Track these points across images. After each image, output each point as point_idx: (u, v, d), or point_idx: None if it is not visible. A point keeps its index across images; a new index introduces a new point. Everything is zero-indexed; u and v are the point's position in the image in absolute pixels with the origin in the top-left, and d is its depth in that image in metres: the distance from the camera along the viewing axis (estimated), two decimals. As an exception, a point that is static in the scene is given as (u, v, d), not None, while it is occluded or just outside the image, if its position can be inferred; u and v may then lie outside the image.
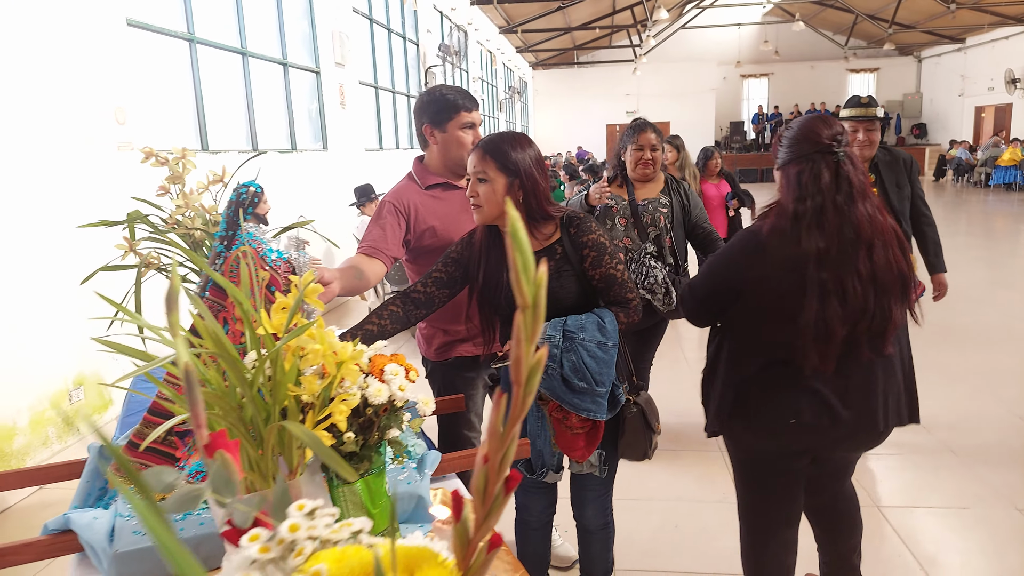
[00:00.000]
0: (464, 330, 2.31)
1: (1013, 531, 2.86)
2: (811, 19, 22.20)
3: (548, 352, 1.80)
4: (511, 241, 0.45)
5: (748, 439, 1.94)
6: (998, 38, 20.24)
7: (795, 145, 1.78)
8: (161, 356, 1.14)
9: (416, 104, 2.28)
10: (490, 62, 17.37)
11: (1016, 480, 3.26)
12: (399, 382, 1.23)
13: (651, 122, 3.37)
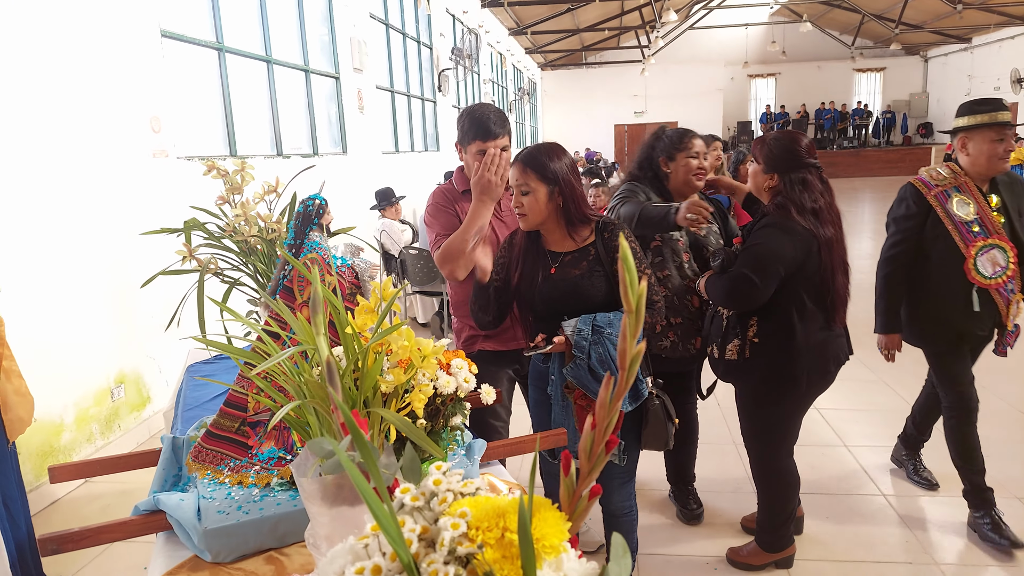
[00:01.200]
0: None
1: (1017, 520, 3.01)
2: (818, 19, 22.29)
3: (577, 343, 2.00)
4: (621, 263, 0.62)
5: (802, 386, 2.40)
6: (1004, 38, 20.28)
7: (791, 157, 2.29)
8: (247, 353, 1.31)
9: (460, 119, 2.45)
10: (500, 64, 17.53)
11: (1019, 473, 3.41)
12: (464, 375, 1.40)
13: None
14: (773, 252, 2.25)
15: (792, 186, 2.29)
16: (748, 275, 2.25)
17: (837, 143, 24.30)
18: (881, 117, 24.98)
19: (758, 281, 2.25)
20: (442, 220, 2.46)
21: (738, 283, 2.28)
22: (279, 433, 1.80)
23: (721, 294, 2.36)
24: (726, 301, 2.38)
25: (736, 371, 2.46)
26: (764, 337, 2.37)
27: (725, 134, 25.12)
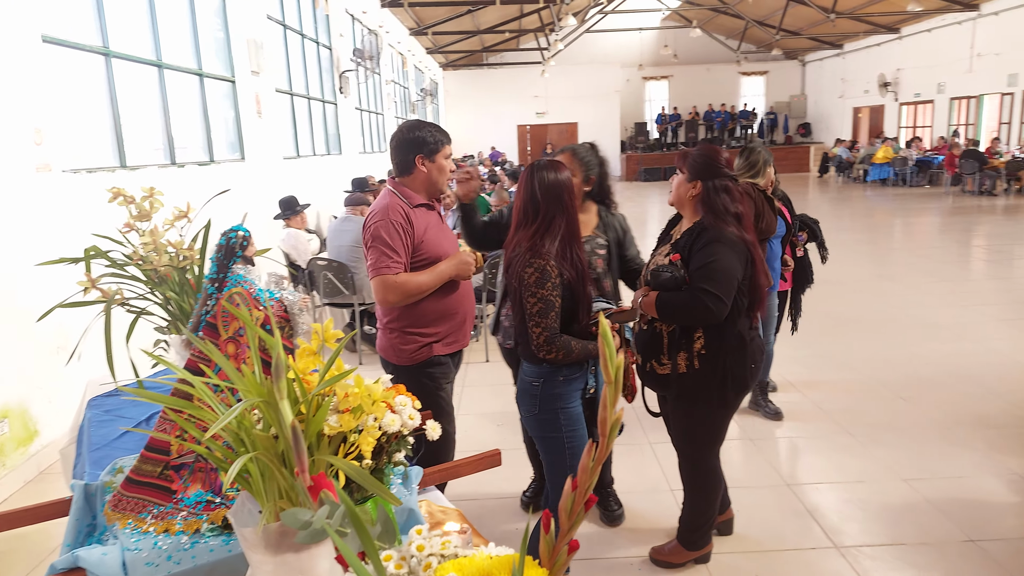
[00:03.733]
0: (443, 331, 2.68)
1: (902, 500, 3.29)
2: (706, 24, 23.33)
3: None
4: (601, 339, 0.65)
5: (748, 386, 2.55)
6: (872, 44, 21.95)
7: (712, 165, 2.44)
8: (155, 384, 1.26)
9: (404, 137, 2.58)
10: (401, 64, 17.33)
11: (902, 455, 3.72)
12: (408, 411, 1.40)
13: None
14: (731, 267, 2.34)
15: (716, 192, 2.42)
16: (711, 292, 2.31)
17: (726, 143, 25.52)
18: (765, 118, 26.47)
19: (723, 297, 2.32)
20: (401, 245, 2.51)
21: (701, 300, 2.32)
22: (206, 475, 1.73)
23: (680, 311, 2.39)
24: (685, 318, 2.41)
25: (683, 382, 2.49)
26: (713, 347, 2.44)
27: (623, 134, 25.89)
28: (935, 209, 13.94)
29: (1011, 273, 8.17)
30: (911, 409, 4.31)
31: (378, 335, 2.80)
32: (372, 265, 2.54)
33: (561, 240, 2.28)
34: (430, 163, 2.61)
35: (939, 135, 19.01)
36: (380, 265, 2.51)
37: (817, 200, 16.98)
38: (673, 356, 2.47)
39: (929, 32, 19.17)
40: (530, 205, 2.29)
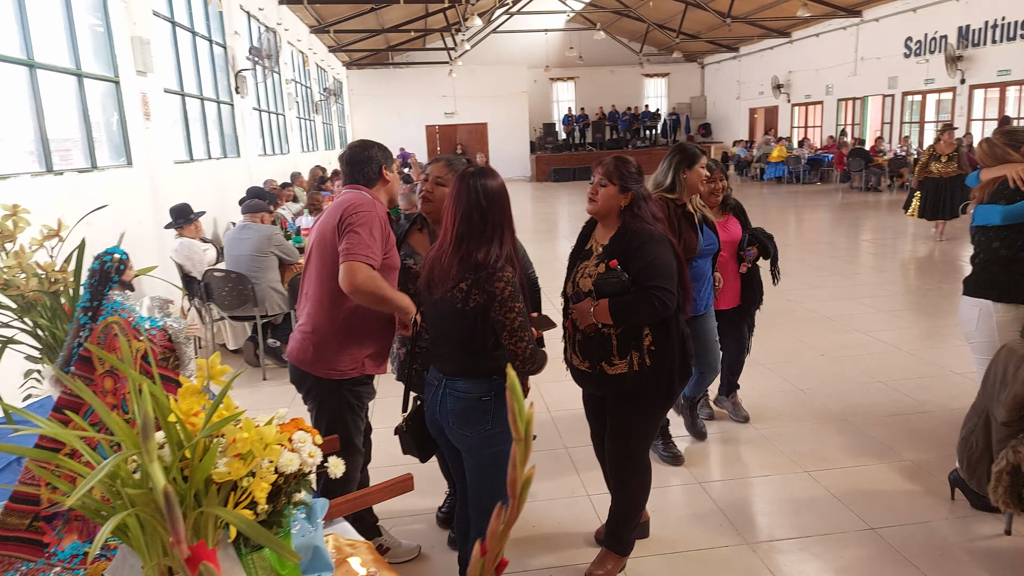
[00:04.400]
0: (378, 348, 2.66)
1: (806, 492, 3.41)
2: (609, 27, 23.84)
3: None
4: (510, 393, 0.58)
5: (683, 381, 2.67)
6: (765, 48, 23.04)
7: (636, 175, 2.56)
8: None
9: (365, 153, 2.65)
10: (303, 63, 16.80)
11: (805, 448, 3.86)
12: (308, 449, 1.29)
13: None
14: (670, 262, 2.49)
15: (644, 200, 2.56)
16: (662, 287, 2.43)
17: (632, 143, 26.17)
18: (668, 119, 27.32)
19: (672, 290, 2.45)
20: (381, 241, 2.48)
21: (655, 296, 2.43)
22: (83, 524, 1.57)
23: (635, 312, 2.47)
24: (641, 317, 2.48)
25: (637, 379, 2.55)
26: (660, 342, 2.54)
27: (532, 135, 26.09)
28: (826, 205, 14.74)
29: (894, 266, 8.72)
30: (811, 400, 4.49)
31: (293, 342, 2.65)
32: (350, 249, 2.39)
33: (512, 249, 2.25)
34: (391, 174, 2.69)
35: (828, 134, 20.16)
36: (359, 251, 2.38)
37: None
38: (625, 356, 2.54)
39: (817, 37, 20.29)
40: (475, 215, 2.17)
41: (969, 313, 3.14)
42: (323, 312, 2.57)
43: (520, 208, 8.31)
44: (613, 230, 2.57)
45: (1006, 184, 2.99)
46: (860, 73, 18.88)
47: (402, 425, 2.54)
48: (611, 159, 2.59)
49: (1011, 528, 2.97)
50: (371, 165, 2.64)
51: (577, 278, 2.63)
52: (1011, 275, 3.00)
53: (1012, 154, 3.03)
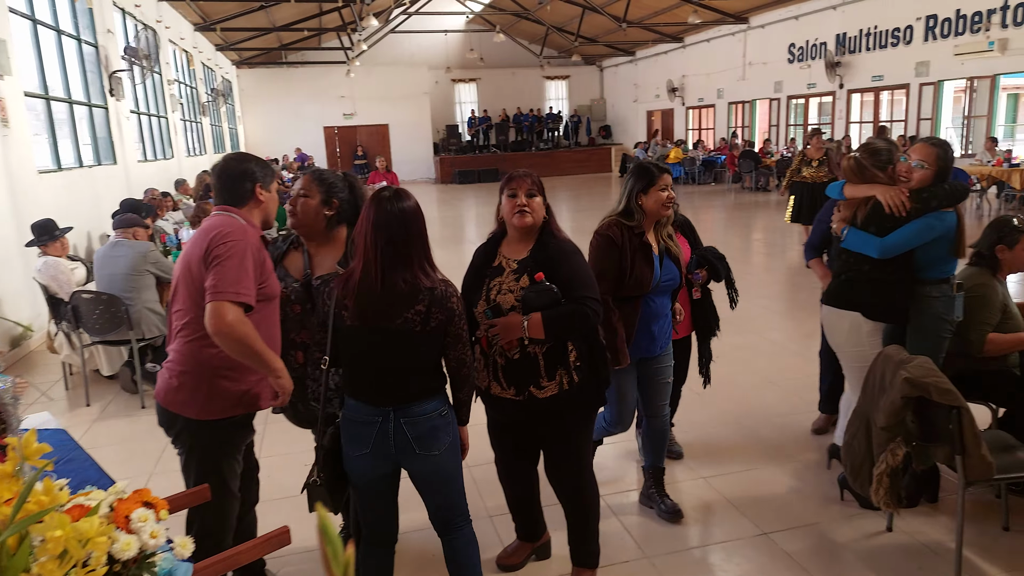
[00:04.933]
0: (259, 383, 2.41)
1: (701, 499, 3.42)
2: (509, 29, 23.91)
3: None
4: (320, 534, 0.46)
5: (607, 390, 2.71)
6: (660, 52, 23.73)
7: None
8: None
9: (237, 168, 2.40)
10: (187, 63, 15.92)
11: (701, 453, 3.88)
12: (149, 528, 1.11)
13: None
14: (591, 273, 2.53)
15: (550, 210, 2.56)
16: (592, 297, 2.41)
17: (535, 145, 26.37)
18: (569, 121, 27.71)
19: (599, 299, 2.45)
20: (255, 275, 2.25)
21: (588, 307, 2.39)
22: None
23: (570, 324, 2.40)
24: (575, 329, 2.43)
25: (568, 398, 2.49)
26: (584, 356, 2.51)
27: (435, 136, 25.86)
28: (720, 205, 15.30)
29: (782, 265, 9.09)
30: (706, 405, 4.55)
31: (161, 380, 2.38)
32: (217, 286, 2.14)
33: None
34: (267, 193, 2.45)
35: (721, 137, 20.98)
36: (228, 288, 2.14)
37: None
38: (553, 376, 2.47)
39: (708, 42, 21.07)
40: (399, 239, 2.12)
41: (838, 324, 3.16)
42: (192, 348, 2.30)
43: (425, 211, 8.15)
44: (526, 244, 2.50)
45: (879, 208, 2.96)
46: (748, 78, 19.74)
47: (316, 479, 2.30)
48: (528, 172, 2.55)
49: (892, 525, 3.08)
50: (244, 183, 2.38)
51: (493, 296, 2.50)
52: (878, 296, 3.03)
53: (879, 175, 3.01)
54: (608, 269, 2.84)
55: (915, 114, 14.70)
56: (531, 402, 2.50)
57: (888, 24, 14.98)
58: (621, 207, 2.94)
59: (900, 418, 2.68)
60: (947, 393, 2.51)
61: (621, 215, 2.93)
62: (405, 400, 2.19)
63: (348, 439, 2.27)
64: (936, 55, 13.91)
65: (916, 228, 2.91)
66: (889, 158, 3.01)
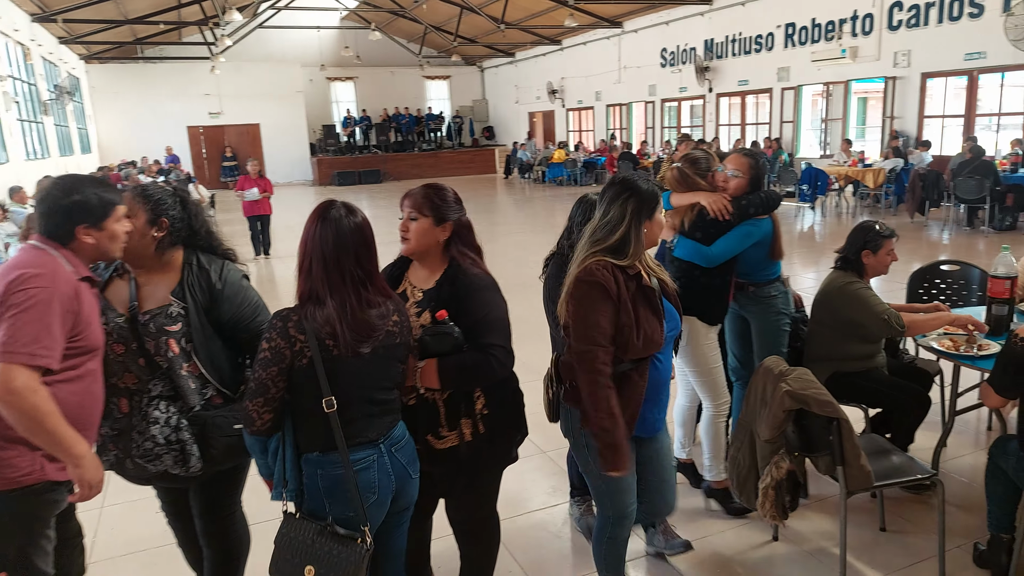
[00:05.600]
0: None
1: (591, 524, 3.24)
2: (386, 27, 23.33)
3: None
4: None
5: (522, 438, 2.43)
6: (539, 54, 23.92)
7: (453, 202, 2.23)
8: None
9: (58, 203, 1.95)
10: (23, 57, 14.33)
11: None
12: None
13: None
14: (505, 314, 2.19)
15: (464, 231, 2.23)
16: (500, 345, 2.11)
17: (418, 146, 25.92)
18: (452, 121, 27.44)
19: (510, 348, 2.15)
20: (60, 331, 1.83)
21: (494, 356, 2.09)
22: None
23: (471, 374, 2.11)
24: (476, 380, 2.15)
25: (472, 450, 2.21)
26: (495, 404, 2.22)
27: (312, 137, 24.84)
28: (601, 205, 15.48)
29: (663, 264, 9.22)
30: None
31: None
32: (8, 343, 1.76)
33: None
34: (98, 232, 1.97)
35: (601, 138, 21.39)
36: (20, 348, 1.76)
37: (506, 202, 17.93)
38: (455, 426, 2.18)
39: (585, 45, 21.42)
40: (364, 253, 1.94)
41: (685, 332, 3.08)
42: None
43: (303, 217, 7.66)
44: (436, 271, 2.19)
45: (704, 213, 3.03)
46: (624, 81, 20.22)
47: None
48: (420, 188, 2.21)
49: (778, 535, 3.06)
50: (66, 222, 1.95)
51: None
52: (711, 300, 3.10)
53: (700, 182, 3.07)
54: (604, 329, 2.10)
55: (778, 117, 15.51)
56: (427, 453, 2.18)
57: (752, 31, 15.73)
58: (615, 239, 2.13)
59: (782, 430, 2.66)
60: (827, 405, 2.50)
61: (609, 251, 2.15)
62: (388, 428, 2.01)
63: (346, 498, 1.91)
64: (795, 61, 14.72)
65: (737, 236, 3.04)
66: (708, 166, 3.09)
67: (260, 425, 1.90)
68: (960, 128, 12.18)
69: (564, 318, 2.20)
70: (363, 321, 1.90)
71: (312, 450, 1.92)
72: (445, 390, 2.14)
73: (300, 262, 1.93)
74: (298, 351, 1.85)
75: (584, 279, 2.12)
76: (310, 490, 1.93)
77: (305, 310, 1.88)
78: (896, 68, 12.81)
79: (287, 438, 1.94)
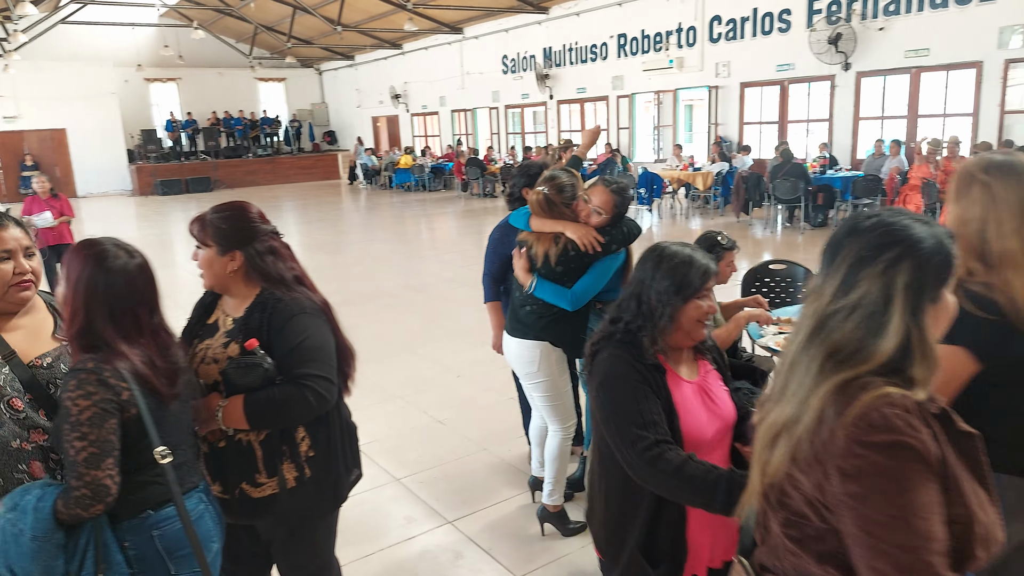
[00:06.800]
0: None
1: (449, 548, 3.04)
2: (211, 26, 21.76)
3: None
4: None
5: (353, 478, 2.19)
6: (380, 58, 23.38)
7: (246, 227, 1.93)
8: None
9: None
10: None
11: (447, 492, 3.51)
12: None
13: None
14: (327, 341, 1.95)
15: (262, 258, 1.93)
16: (318, 375, 1.86)
17: (253, 151, 24.46)
18: (289, 126, 26.17)
19: (332, 378, 1.91)
20: None
21: (310, 389, 1.84)
22: None
23: (283, 411, 1.85)
24: (291, 417, 1.89)
25: (295, 499, 1.94)
26: (322, 444, 1.98)
27: (129, 142, 22.66)
28: (452, 212, 15.37)
29: (514, 269, 9.19)
30: (450, 433, 4.21)
31: None
32: None
33: None
34: None
35: (447, 144, 21.26)
36: None
37: (351, 209, 17.31)
38: (274, 471, 1.92)
39: (427, 50, 21.20)
40: (154, 300, 1.73)
41: (529, 355, 2.95)
42: None
43: (122, 230, 6.77)
44: (246, 298, 1.96)
45: (569, 248, 2.81)
46: (467, 87, 20.24)
47: None
48: (208, 211, 1.96)
49: None
50: None
51: (197, 364, 1.93)
52: (561, 327, 2.91)
53: (565, 211, 2.88)
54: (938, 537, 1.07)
55: (615, 123, 16.15)
56: (243, 503, 1.92)
57: (587, 41, 16.26)
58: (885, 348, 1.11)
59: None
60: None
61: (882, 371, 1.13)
62: (198, 473, 1.84)
63: (190, 554, 1.69)
64: (628, 70, 15.39)
65: (597, 273, 2.87)
66: (573, 193, 2.89)
67: (116, 490, 1.57)
68: (776, 133, 13.27)
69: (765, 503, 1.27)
70: (170, 362, 1.71)
71: (137, 513, 1.65)
72: (254, 430, 1.89)
73: (73, 313, 1.62)
74: (127, 400, 1.59)
75: (877, 444, 1.07)
76: (144, 560, 1.64)
77: (109, 360, 1.59)
78: (718, 78, 13.73)
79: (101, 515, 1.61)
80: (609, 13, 15.41)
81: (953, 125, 10.75)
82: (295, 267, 2.02)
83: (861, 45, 11.33)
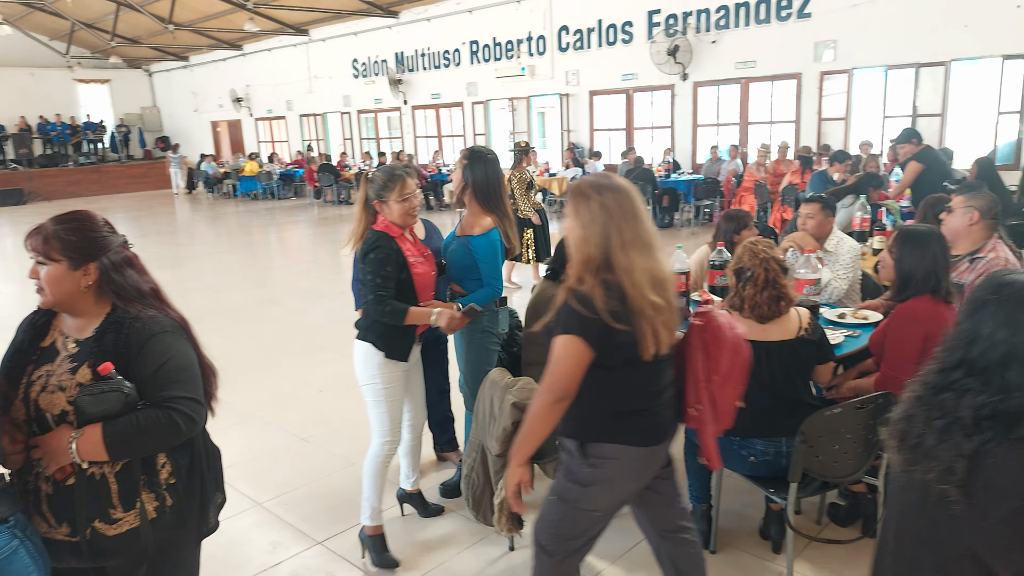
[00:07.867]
0: None
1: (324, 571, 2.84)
2: (19, 21, 19.58)
3: None
4: None
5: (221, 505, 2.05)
6: (219, 59, 22.05)
7: (95, 237, 1.75)
8: None
9: None
10: None
11: (315, 513, 3.30)
12: None
13: None
14: (191, 360, 1.80)
15: (117, 272, 1.77)
16: (186, 397, 1.71)
17: (74, 159, 22.24)
18: (116, 131, 24.02)
19: (200, 399, 1.77)
20: None
21: (177, 411, 1.68)
22: None
23: (148, 438, 1.67)
24: (162, 443, 1.72)
25: (157, 532, 1.76)
26: (183, 471, 1.80)
27: (-79, 150, 19.84)
28: (304, 221, 14.75)
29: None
30: (316, 451, 3.98)
31: None
32: None
33: None
34: None
35: (297, 150, 20.39)
36: None
37: (192, 220, 16.18)
38: (132, 504, 1.73)
39: (270, 52, 20.25)
40: None
41: (358, 355, 2.87)
42: None
43: None
44: (94, 317, 1.77)
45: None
46: (316, 90, 19.56)
47: None
48: (48, 223, 1.75)
49: (514, 544, 2.98)
50: None
51: (37, 393, 1.71)
52: (381, 327, 2.80)
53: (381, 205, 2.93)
54: None
55: (471, 129, 16.22)
56: (95, 543, 1.71)
57: (439, 47, 16.23)
58: None
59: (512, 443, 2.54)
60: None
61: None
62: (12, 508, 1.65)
63: None
64: (482, 77, 15.53)
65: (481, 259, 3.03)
66: (384, 188, 2.91)
67: None
68: (624, 139, 13.89)
69: None
70: None
71: None
72: (115, 461, 1.69)
73: None
74: None
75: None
76: None
77: None
78: (568, 86, 14.18)
79: None
80: (460, 20, 15.48)
81: (779, 131, 11.78)
82: (150, 280, 1.87)
83: (697, 57, 12.13)
